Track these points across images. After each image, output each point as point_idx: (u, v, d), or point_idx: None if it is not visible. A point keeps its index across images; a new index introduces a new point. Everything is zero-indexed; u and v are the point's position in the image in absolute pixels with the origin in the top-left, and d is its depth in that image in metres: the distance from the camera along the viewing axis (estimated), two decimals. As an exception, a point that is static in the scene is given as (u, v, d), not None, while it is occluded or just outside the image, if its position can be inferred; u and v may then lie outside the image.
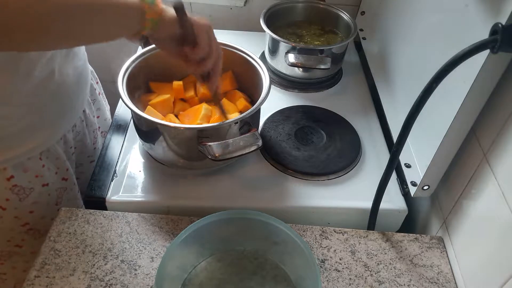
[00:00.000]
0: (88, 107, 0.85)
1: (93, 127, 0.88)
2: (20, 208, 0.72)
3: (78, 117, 0.80)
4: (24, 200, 0.71)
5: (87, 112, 0.84)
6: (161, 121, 0.69)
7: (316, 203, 0.75)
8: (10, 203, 0.70)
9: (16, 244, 0.76)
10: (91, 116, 0.86)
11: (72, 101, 0.75)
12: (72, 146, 0.79)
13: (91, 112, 0.87)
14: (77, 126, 0.81)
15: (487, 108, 0.60)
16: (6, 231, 0.74)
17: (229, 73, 0.84)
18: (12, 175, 0.67)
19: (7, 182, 0.68)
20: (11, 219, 0.72)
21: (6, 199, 0.69)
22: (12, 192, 0.69)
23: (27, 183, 0.70)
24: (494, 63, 0.54)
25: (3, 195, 0.69)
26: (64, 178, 0.77)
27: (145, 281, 0.63)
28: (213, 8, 1.19)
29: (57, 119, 0.72)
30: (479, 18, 0.57)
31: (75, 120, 0.79)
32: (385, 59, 0.95)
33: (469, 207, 0.65)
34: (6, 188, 0.68)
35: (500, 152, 0.58)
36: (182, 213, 0.73)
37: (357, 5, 1.15)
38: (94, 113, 0.89)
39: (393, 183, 0.78)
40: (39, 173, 0.71)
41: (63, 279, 0.62)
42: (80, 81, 0.77)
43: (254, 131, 0.70)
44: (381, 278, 0.66)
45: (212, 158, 0.66)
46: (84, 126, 0.83)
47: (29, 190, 0.71)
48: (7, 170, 0.67)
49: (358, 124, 0.89)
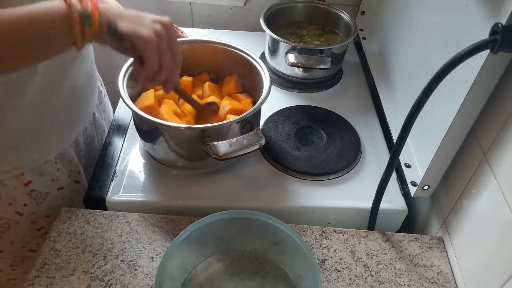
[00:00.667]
0: (97, 109, 0.86)
1: (101, 129, 0.89)
2: (37, 212, 0.72)
3: (88, 120, 0.80)
4: (41, 205, 0.71)
5: (96, 115, 0.85)
6: (162, 121, 0.69)
7: (316, 203, 0.75)
8: (27, 208, 0.70)
9: (30, 249, 0.76)
10: (99, 118, 0.87)
11: (84, 104, 0.76)
12: (82, 149, 0.80)
13: (99, 115, 0.87)
14: (88, 129, 0.81)
15: (487, 108, 0.60)
16: (22, 236, 0.74)
17: (234, 77, 0.83)
18: (30, 180, 0.68)
19: (25, 187, 0.68)
20: (28, 224, 0.72)
21: (24, 205, 0.69)
22: (30, 197, 0.69)
23: (44, 187, 0.70)
24: (494, 63, 0.54)
25: (21, 201, 0.69)
26: (76, 181, 0.78)
27: (145, 281, 0.63)
28: (213, 8, 1.19)
29: (70, 123, 0.73)
30: (479, 18, 0.57)
31: (87, 123, 0.80)
32: (385, 59, 0.95)
33: (469, 207, 0.65)
34: (24, 193, 0.68)
35: (500, 152, 0.58)
36: (182, 213, 0.73)
37: (357, 5, 1.15)
38: (102, 116, 0.90)
39: (393, 183, 0.78)
40: (55, 176, 0.72)
41: (63, 279, 0.62)
42: (90, 84, 0.77)
43: (257, 130, 0.70)
44: (381, 278, 0.66)
45: (216, 157, 0.66)
46: (93, 129, 0.84)
47: (46, 195, 0.71)
48: (24, 176, 0.67)
49: (358, 124, 0.89)
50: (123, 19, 0.53)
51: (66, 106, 0.70)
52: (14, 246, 0.75)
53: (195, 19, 1.22)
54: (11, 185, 0.67)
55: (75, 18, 0.49)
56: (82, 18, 0.50)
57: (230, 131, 0.70)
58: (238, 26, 1.20)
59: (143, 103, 0.75)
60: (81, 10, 0.50)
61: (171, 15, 0.61)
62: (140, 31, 0.53)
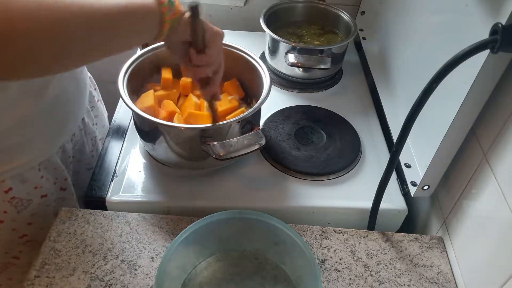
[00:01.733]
0: (87, 115, 0.84)
1: (91, 135, 0.87)
2: (18, 220, 0.71)
3: (77, 126, 0.79)
4: (22, 212, 0.70)
5: (86, 121, 0.83)
6: (162, 121, 0.69)
7: (316, 203, 0.75)
8: (7, 215, 0.69)
9: (13, 255, 0.75)
10: (90, 124, 0.85)
11: (71, 111, 0.74)
12: (70, 155, 0.79)
13: (90, 120, 0.85)
14: (76, 135, 0.80)
15: (487, 108, 0.60)
16: (3, 243, 0.73)
17: (233, 81, 0.83)
18: (11, 187, 0.67)
19: (5, 194, 0.67)
20: (9, 232, 0.71)
21: (4, 212, 0.68)
22: (10, 204, 0.68)
23: (26, 194, 0.69)
24: (494, 63, 0.54)
25: (2, 208, 0.68)
26: (62, 188, 0.76)
27: (145, 281, 0.63)
28: (213, 8, 1.19)
29: (55, 130, 0.71)
30: (479, 18, 0.57)
31: (74, 129, 0.78)
32: (385, 59, 0.95)
33: (469, 207, 0.65)
34: (4, 200, 0.67)
35: (500, 152, 0.58)
36: (182, 213, 0.73)
37: (357, 5, 1.15)
38: (94, 121, 0.88)
39: (393, 183, 0.78)
40: (38, 184, 0.70)
41: (63, 279, 0.62)
42: (78, 90, 0.76)
43: (257, 130, 0.70)
44: (381, 278, 0.66)
45: (216, 157, 0.66)
46: (82, 135, 0.83)
47: (28, 202, 0.70)
48: (5, 182, 0.66)
49: (358, 124, 0.89)
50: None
51: (50, 112, 0.68)
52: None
53: (195, 19, 1.22)
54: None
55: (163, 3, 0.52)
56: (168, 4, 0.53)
57: (230, 131, 0.71)
58: (238, 26, 1.20)
59: (143, 104, 0.75)
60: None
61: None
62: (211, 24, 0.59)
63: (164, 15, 0.53)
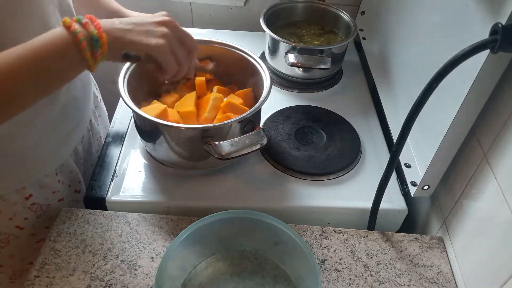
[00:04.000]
0: (93, 115, 0.85)
1: (97, 135, 0.88)
2: (37, 225, 0.71)
3: (85, 128, 0.80)
4: (41, 217, 0.71)
5: (92, 121, 0.84)
6: (162, 121, 0.69)
7: (316, 203, 0.75)
8: (28, 221, 0.69)
9: (29, 261, 0.76)
10: (96, 124, 0.86)
11: (81, 113, 0.75)
12: (81, 157, 0.80)
13: (95, 121, 0.87)
14: (85, 136, 0.81)
15: (487, 108, 0.60)
16: (21, 250, 0.73)
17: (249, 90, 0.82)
18: (31, 194, 0.67)
19: (26, 201, 0.67)
20: (28, 237, 0.72)
21: (25, 218, 0.69)
22: (30, 211, 0.69)
23: (45, 199, 0.70)
24: (494, 63, 0.54)
25: (22, 215, 0.68)
26: (76, 190, 0.77)
27: (145, 281, 0.63)
28: (213, 8, 1.19)
29: (69, 133, 0.72)
30: (479, 18, 0.57)
31: (84, 131, 0.79)
32: (385, 59, 0.95)
33: (469, 207, 0.65)
34: (25, 207, 0.68)
35: (500, 152, 0.58)
36: (182, 213, 0.73)
37: (357, 5, 1.15)
38: (98, 121, 0.89)
39: (393, 183, 0.78)
40: (56, 188, 0.71)
41: (63, 279, 0.62)
42: (85, 91, 0.77)
43: (258, 129, 0.70)
44: (381, 278, 0.66)
45: (218, 157, 0.66)
46: (90, 136, 0.83)
47: (46, 207, 0.71)
48: (26, 189, 0.66)
49: (358, 124, 0.89)
50: (130, 32, 0.53)
51: (63, 117, 0.69)
52: (13, 260, 0.74)
53: (195, 19, 1.22)
54: (11, 200, 0.66)
55: (83, 44, 0.49)
56: (90, 42, 0.50)
57: (231, 130, 0.71)
58: (238, 26, 1.20)
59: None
60: (87, 34, 0.49)
61: (171, 15, 0.61)
62: (150, 42, 0.53)
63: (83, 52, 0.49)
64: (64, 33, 0.49)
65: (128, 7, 0.82)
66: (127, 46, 0.53)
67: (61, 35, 0.49)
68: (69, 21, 0.50)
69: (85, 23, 0.50)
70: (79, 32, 0.49)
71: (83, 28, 0.50)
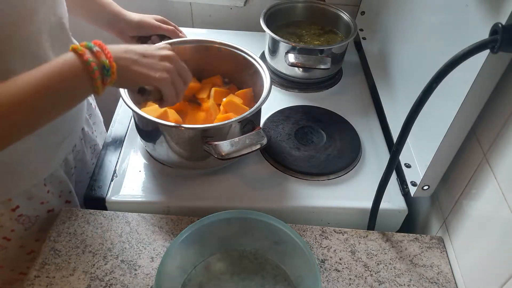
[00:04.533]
0: (86, 124, 0.84)
1: (91, 143, 0.87)
2: (26, 237, 0.71)
3: (77, 137, 0.79)
4: (30, 229, 0.70)
5: (85, 130, 0.83)
6: (162, 121, 0.69)
7: (316, 203, 0.75)
8: (15, 233, 0.69)
9: (20, 272, 0.75)
10: (89, 133, 0.85)
11: (72, 122, 0.74)
12: (72, 167, 0.78)
13: (89, 129, 0.85)
14: (77, 145, 0.79)
15: (487, 108, 0.60)
16: (10, 261, 0.73)
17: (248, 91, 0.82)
18: (18, 205, 0.66)
19: (12, 213, 0.66)
20: (17, 249, 0.71)
21: (12, 230, 0.68)
22: (18, 222, 0.68)
23: (33, 211, 0.69)
24: (494, 63, 0.54)
25: (8, 226, 0.67)
26: (67, 201, 0.76)
27: (145, 281, 0.63)
28: (213, 8, 1.19)
29: (58, 143, 0.71)
30: (479, 18, 0.57)
31: (76, 140, 0.78)
32: (385, 59, 0.95)
33: (469, 207, 0.65)
34: (11, 219, 0.67)
35: (500, 152, 0.58)
36: (182, 213, 0.73)
37: (357, 5, 1.15)
38: (93, 129, 0.88)
39: (393, 183, 0.78)
40: (45, 199, 0.70)
41: (63, 279, 0.62)
42: None
43: (258, 129, 0.70)
44: (381, 278, 0.66)
45: (218, 157, 0.66)
46: (83, 145, 0.82)
47: (35, 218, 0.70)
48: (12, 201, 0.66)
49: (358, 124, 0.89)
50: (136, 63, 0.56)
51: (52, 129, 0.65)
52: (2, 270, 0.73)
53: (195, 19, 1.22)
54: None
55: (96, 73, 0.50)
56: (102, 71, 0.51)
57: (231, 131, 0.71)
58: (238, 26, 1.20)
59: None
60: (99, 64, 0.51)
61: (171, 15, 0.61)
62: (154, 75, 0.57)
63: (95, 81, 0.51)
64: (77, 61, 0.50)
65: (128, 7, 0.82)
66: (134, 76, 0.56)
67: (74, 63, 0.50)
68: (81, 48, 0.51)
69: (96, 52, 0.51)
70: (92, 61, 0.50)
71: (95, 57, 0.51)
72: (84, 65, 0.50)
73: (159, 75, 0.57)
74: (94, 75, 0.50)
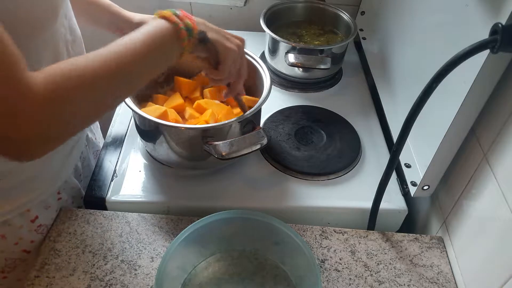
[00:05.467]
0: (89, 130, 0.85)
1: (94, 149, 0.87)
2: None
3: (83, 144, 0.80)
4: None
5: (89, 136, 0.84)
6: (162, 121, 0.69)
7: (316, 203, 0.75)
8: (34, 244, 0.68)
9: None
10: (93, 139, 0.86)
11: None
12: (81, 173, 0.79)
13: (92, 135, 0.86)
14: (83, 152, 0.80)
15: (487, 108, 0.60)
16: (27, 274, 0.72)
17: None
18: (37, 216, 0.66)
19: (32, 224, 0.66)
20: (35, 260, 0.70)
21: (31, 241, 0.68)
22: (37, 233, 0.68)
23: (50, 220, 0.70)
24: (494, 63, 0.54)
25: (28, 238, 0.67)
26: (79, 207, 0.77)
27: (145, 281, 0.63)
28: (213, 8, 1.19)
29: (69, 150, 0.71)
30: (479, 18, 0.57)
31: (82, 147, 0.79)
32: (385, 59, 0.95)
33: (469, 207, 0.65)
34: (31, 230, 0.67)
35: (500, 152, 0.58)
36: (182, 213, 0.73)
37: (357, 5, 1.15)
38: (95, 135, 0.88)
39: (393, 183, 0.78)
40: (59, 207, 0.71)
41: (63, 279, 0.62)
42: None
43: (259, 129, 0.71)
44: (381, 278, 0.66)
45: (218, 157, 0.66)
46: (87, 151, 0.83)
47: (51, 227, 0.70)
48: (31, 212, 0.66)
49: (358, 124, 0.89)
50: (212, 30, 0.61)
51: None
52: (21, 282, 0.71)
53: (195, 19, 1.22)
54: (16, 224, 0.64)
55: (183, 33, 0.55)
56: (188, 32, 0.56)
57: (231, 131, 0.71)
58: (238, 26, 1.20)
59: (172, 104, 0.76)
60: (185, 26, 0.56)
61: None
62: (225, 42, 0.62)
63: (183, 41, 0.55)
64: (166, 24, 0.54)
65: (128, 7, 0.82)
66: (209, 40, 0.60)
67: (164, 26, 0.54)
68: (167, 13, 0.55)
69: (180, 16, 0.56)
70: (179, 23, 0.55)
71: (180, 20, 0.55)
72: (173, 26, 0.54)
73: (229, 44, 0.63)
74: (181, 34, 0.55)
